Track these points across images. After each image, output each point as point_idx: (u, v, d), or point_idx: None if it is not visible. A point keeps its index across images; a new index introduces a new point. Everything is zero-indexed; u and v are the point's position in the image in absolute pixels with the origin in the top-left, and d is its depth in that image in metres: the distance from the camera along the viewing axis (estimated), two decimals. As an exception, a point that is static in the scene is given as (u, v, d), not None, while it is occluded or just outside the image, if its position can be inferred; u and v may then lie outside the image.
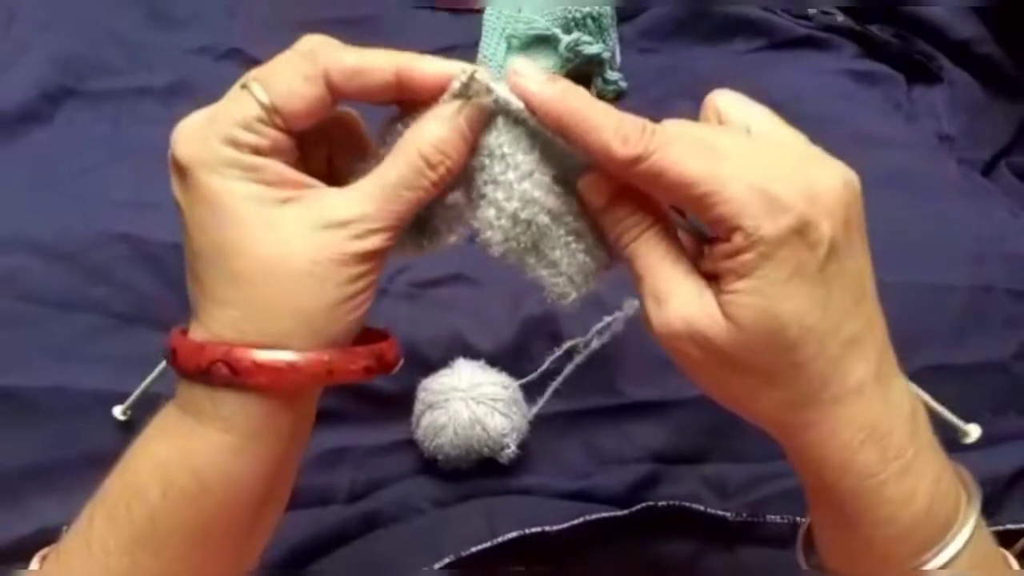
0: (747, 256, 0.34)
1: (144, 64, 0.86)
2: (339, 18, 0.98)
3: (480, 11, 0.96)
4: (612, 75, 0.93)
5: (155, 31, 0.93)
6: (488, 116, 0.38)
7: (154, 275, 0.67)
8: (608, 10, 0.90)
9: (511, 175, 0.38)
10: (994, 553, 0.40)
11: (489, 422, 0.63)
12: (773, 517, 0.62)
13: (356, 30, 1.00)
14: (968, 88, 0.95)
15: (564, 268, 0.40)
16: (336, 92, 0.37)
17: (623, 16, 0.97)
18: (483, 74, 0.37)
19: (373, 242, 0.36)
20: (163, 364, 0.56)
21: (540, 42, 0.92)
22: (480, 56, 0.92)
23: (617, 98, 0.94)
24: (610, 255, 0.40)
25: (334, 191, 0.37)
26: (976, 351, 0.69)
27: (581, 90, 0.37)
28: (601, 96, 0.94)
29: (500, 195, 0.39)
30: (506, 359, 0.67)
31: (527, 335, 0.69)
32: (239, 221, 0.35)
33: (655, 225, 0.38)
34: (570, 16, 0.89)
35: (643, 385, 0.68)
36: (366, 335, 0.40)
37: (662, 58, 0.98)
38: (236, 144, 0.35)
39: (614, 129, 0.35)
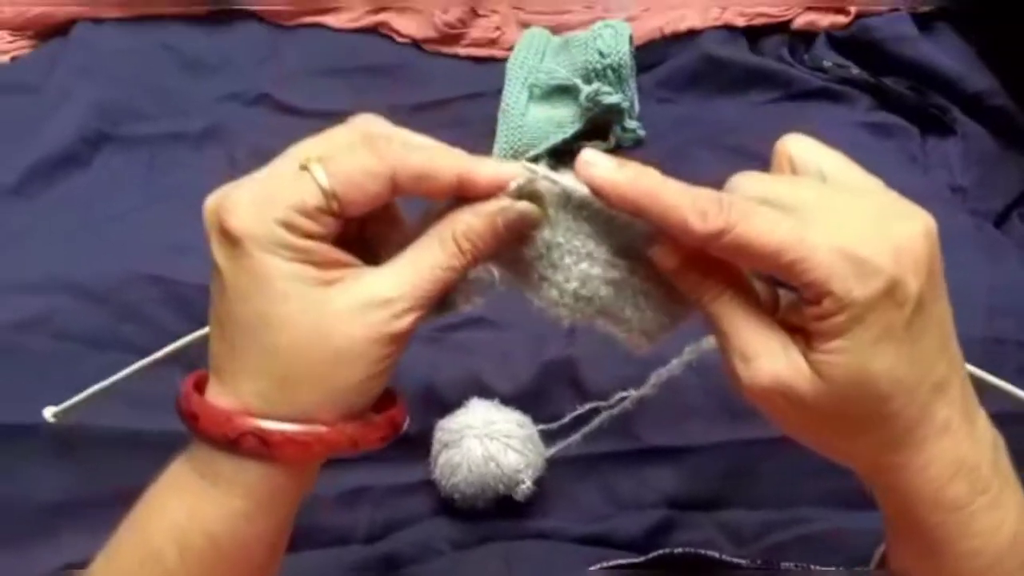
0: (838, 319, 0.34)
1: (178, 110, 0.90)
2: (366, 66, 1.01)
3: (503, 60, 0.98)
4: (631, 124, 0.95)
5: (188, 78, 0.96)
6: (535, 216, 0.39)
7: (184, 315, 0.68)
8: (628, 61, 0.92)
9: (568, 260, 0.40)
10: None
11: (503, 459, 0.64)
12: (787, 564, 0.62)
13: (383, 78, 1.03)
14: (981, 140, 0.96)
15: (635, 325, 0.41)
16: (399, 191, 0.37)
17: (642, 67, 1.00)
18: (543, 169, 0.39)
19: (408, 322, 0.37)
20: (110, 380, 0.58)
21: (561, 91, 0.95)
22: (503, 104, 0.94)
23: (635, 146, 0.96)
24: (684, 307, 0.41)
25: (373, 272, 0.38)
26: (989, 403, 0.69)
27: (651, 171, 0.37)
28: (620, 144, 0.96)
29: (560, 277, 0.40)
30: (525, 402, 0.68)
31: (547, 379, 0.70)
32: (284, 299, 0.36)
33: (731, 288, 0.38)
34: (590, 67, 0.92)
35: (660, 431, 0.68)
36: None
37: (680, 108, 1.00)
38: (292, 228, 0.36)
39: (690, 206, 0.35)
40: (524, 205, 0.38)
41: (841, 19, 1.04)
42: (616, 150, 0.96)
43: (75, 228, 0.73)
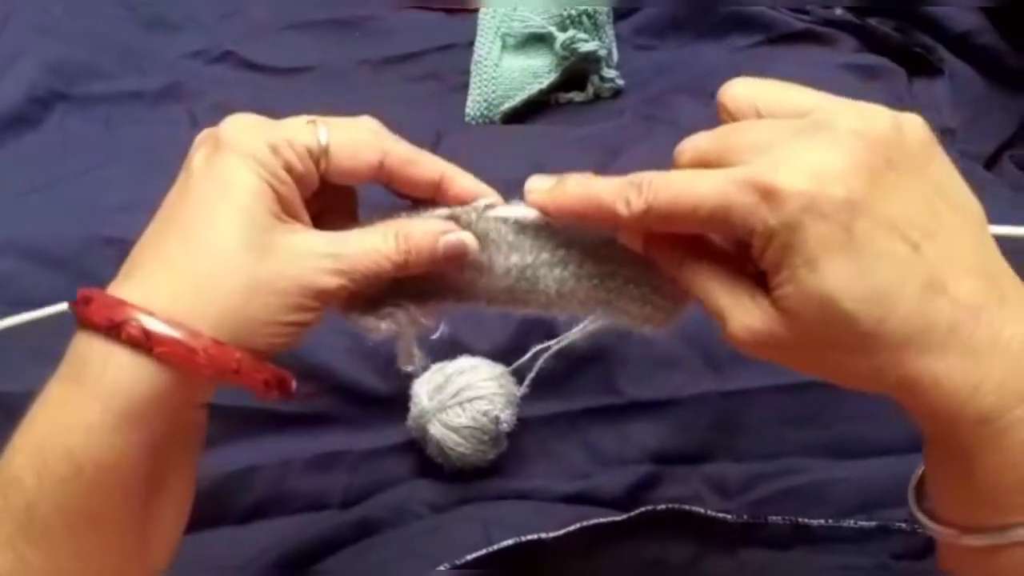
0: (770, 252, 0.35)
1: (136, 68, 0.86)
2: (334, 19, 0.98)
3: (475, 11, 0.95)
4: (609, 73, 0.92)
5: (149, 36, 0.93)
6: (471, 253, 0.42)
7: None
8: (604, 7, 0.90)
9: (541, 272, 0.43)
10: None
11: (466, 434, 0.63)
12: (775, 518, 0.61)
13: (352, 31, 1.00)
14: (970, 81, 0.93)
15: (636, 312, 0.44)
16: (384, 172, 0.41)
17: (619, 14, 0.97)
18: (497, 210, 0.42)
19: (334, 284, 0.38)
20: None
21: (536, 40, 0.91)
22: (476, 55, 0.91)
23: (614, 96, 0.93)
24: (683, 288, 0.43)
25: (320, 231, 0.40)
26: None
27: (576, 176, 0.40)
28: (598, 95, 0.93)
29: (541, 287, 0.43)
30: (502, 360, 0.66)
31: (524, 337, 0.67)
32: (236, 209, 0.37)
33: (691, 250, 0.39)
34: (565, 14, 0.89)
35: (643, 384, 0.66)
36: None
37: (659, 55, 0.97)
38: (276, 152, 0.38)
39: (615, 197, 0.38)
40: (468, 237, 0.42)
41: (824, -42, 1.01)
42: (595, 100, 0.93)
43: (27, 190, 0.70)
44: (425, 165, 0.41)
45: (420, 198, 0.43)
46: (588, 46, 0.89)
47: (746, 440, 0.64)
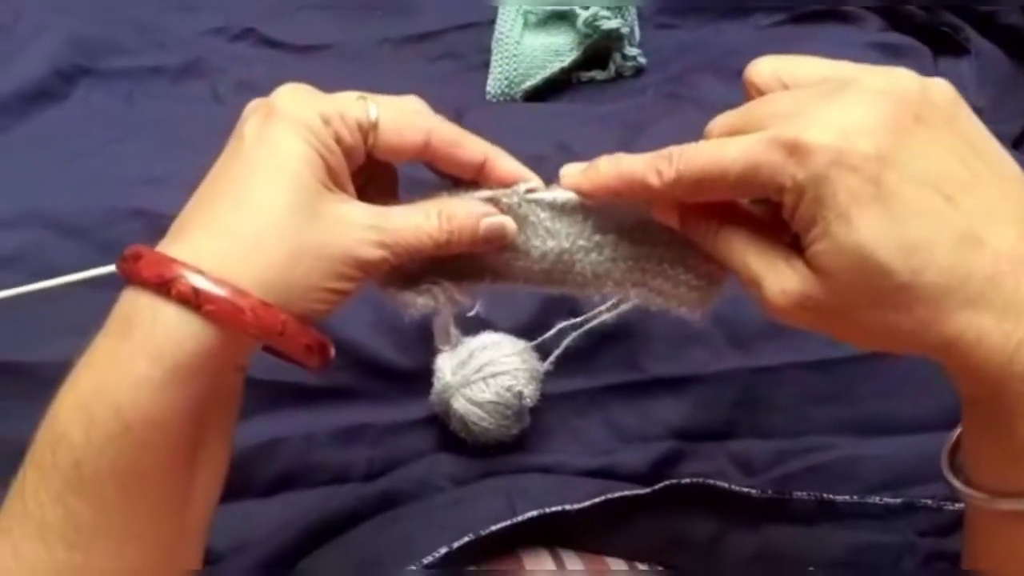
0: (802, 209, 0.35)
1: (157, 44, 0.86)
2: (358, -1, 0.97)
3: (497, -13, 0.94)
4: (631, 51, 0.91)
5: (170, 13, 0.93)
6: (510, 236, 0.43)
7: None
8: (627, -16, 0.89)
9: (578, 256, 0.44)
10: None
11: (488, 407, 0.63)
12: (800, 494, 0.61)
13: (372, 9, 0.99)
14: (996, 60, 0.92)
15: (672, 292, 0.44)
16: (428, 151, 0.41)
17: (641, -10, 0.96)
18: (537, 194, 0.43)
19: (377, 256, 0.39)
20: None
21: (558, 18, 0.91)
22: (497, 33, 0.91)
23: (636, 74, 0.93)
24: (717, 265, 0.43)
25: (370, 205, 0.41)
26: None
27: (608, 157, 0.41)
28: (620, 73, 0.92)
29: (577, 270, 0.44)
30: (525, 336, 0.66)
31: (547, 314, 0.67)
32: (288, 173, 0.38)
33: (726, 220, 0.40)
34: (588, -9, 0.88)
35: (665, 361, 0.66)
36: None
37: (682, 33, 0.96)
38: (327, 122, 0.39)
39: (646, 170, 0.39)
40: (508, 221, 0.43)
41: (849, -64, 1.00)
42: (617, 79, 0.92)
43: (51, 162, 0.70)
44: (469, 147, 0.42)
45: (461, 178, 0.44)
46: (611, 23, 0.88)
47: (771, 417, 0.64)
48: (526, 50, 0.90)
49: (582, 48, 0.90)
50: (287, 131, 0.38)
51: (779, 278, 0.37)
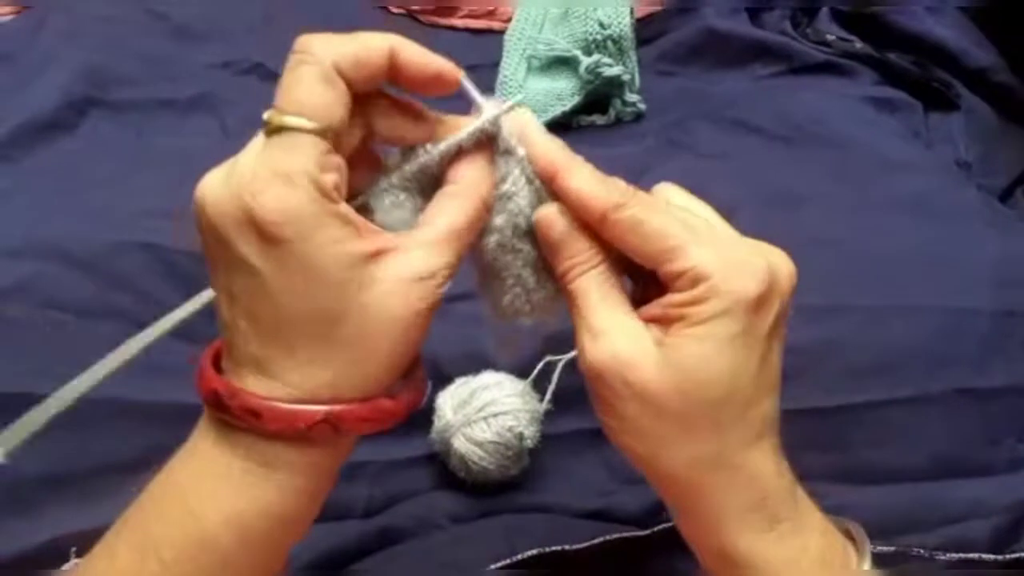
0: (706, 307, 0.36)
1: (167, 76, 0.87)
2: (360, 36, 0.99)
3: (501, 32, 0.96)
4: (631, 97, 0.93)
5: (177, 45, 0.94)
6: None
7: (174, 284, 0.67)
8: (629, 32, 0.91)
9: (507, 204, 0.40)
10: None
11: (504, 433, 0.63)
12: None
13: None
14: (984, 116, 0.96)
15: (530, 295, 0.42)
16: (394, 68, 0.37)
17: (643, 39, 0.98)
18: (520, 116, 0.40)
19: (444, 288, 0.37)
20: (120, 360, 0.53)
21: (560, 63, 0.93)
22: (501, 76, 0.93)
23: (636, 119, 0.95)
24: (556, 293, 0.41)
25: (410, 244, 0.37)
26: (1000, 375, 0.68)
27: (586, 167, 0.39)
28: (620, 118, 0.94)
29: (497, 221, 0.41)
30: (525, 375, 0.67)
31: (548, 352, 0.68)
32: (341, 288, 0.35)
33: (601, 265, 0.39)
34: (591, 38, 0.90)
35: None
36: None
37: (681, 81, 0.99)
38: (325, 192, 0.34)
39: (602, 178, 0.38)
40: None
41: (844, -8, 1.03)
42: (616, 124, 0.94)
43: (60, 193, 0.71)
44: (373, 50, 0.36)
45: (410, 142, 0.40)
46: (612, 70, 0.90)
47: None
48: (529, 94, 0.92)
49: (584, 93, 0.92)
50: (305, 248, 0.34)
51: (620, 341, 0.37)
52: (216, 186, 0.34)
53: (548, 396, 0.65)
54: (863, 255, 0.75)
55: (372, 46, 0.36)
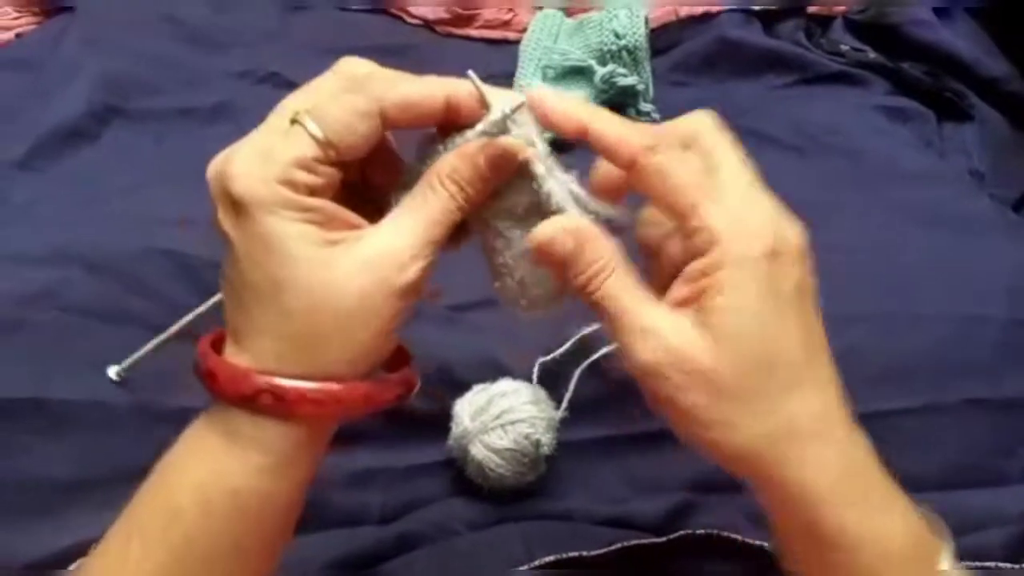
0: (727, 272, 0.36)
1: (187, 85, 0.88)
2: (377, 46, 1.00)
3: (516, 42, 0.97)
4: (646, 106, 0.94)
5: (197, 54, 0.95)
6: (517, 151, 0.39)
7: (195, 290, 0.67)
8: (643, 43, 0.92)
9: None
10: None
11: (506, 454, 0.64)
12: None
13: (394, 59, 1.01)
14: (997, 126, 0.96)
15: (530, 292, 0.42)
16: (389, 124, 0.38)
17: (657, 50, 0.99)
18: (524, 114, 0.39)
19: (413, 272, 0.37)
20: (164, 336, 0.61)
21: (575, 73, 0.94)
22: (516, 85, 0.93)
23: (650, 129, 0.95)
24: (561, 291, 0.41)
25: (375, 229, 0.38)
26: (1012, 385, 0.69)
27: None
28: (634, 127, 0.95)
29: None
30: (544, 383, 0.67)
31: (561, 360, 0.69)
32: (294, 261, 0.36)
33: (618, 266, 0.39)
34: (605, 48, 0.91)
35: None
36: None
37: (695, 91, 0.99)
38: (294, 185, 0.36)
39: (629, 123, 0.38)
40: (506, 140, 0.38)
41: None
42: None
43: (83, 202, 0.72)
44: (427, 99, 0.38)
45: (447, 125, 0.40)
46: (627, 80, 0.91)
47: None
48: (544, 103, 0.93)
49: (598, 102, 0.93)
50: (270, 225, 0.36)
51: (667, 335, 0.37)
52: (219, 157, 0.38)
53: (564, 403, 0.66)
54: (877, 264, 0.75)
55: (426, 93, 0.38)
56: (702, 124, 0.39)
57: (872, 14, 1.00)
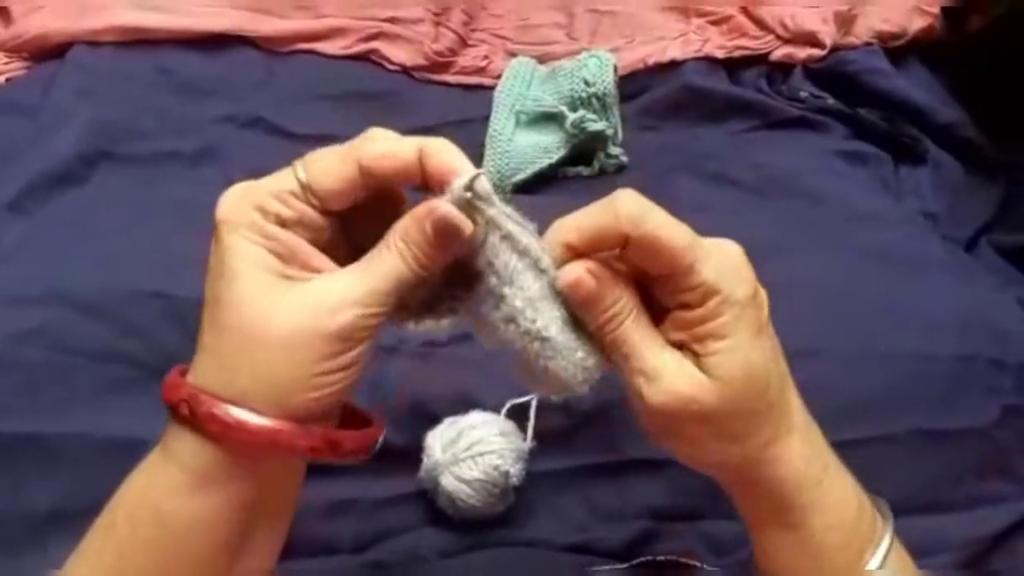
0: (725, 318, 0.40)
1: (174, 130, 0.91)
2: (358, 92, 1.04)
3: (492, 88, 1.01)
4: (614, 150, 0.98)
5: (184, 100, 0.98)
6: (461, 224, 0.39)
7: (182, 331, 0.69)
8: (612, 90, 0.96)
9: (492, 281, 0.41)
10: (907, 555, 0.47)
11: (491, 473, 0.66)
12: (765, 574, 0.64)
13: (374, 104, 1.06)
14: (950, 169, 1.00)
15: (574, 361, 0.42)
16: (367, 173, 0.38)
17: (625, 96, 1.02)
18: (482, 184, 0.39)
19: (346, 318, 0.38)
20: None
21: (547, 118, 0.97)
22: (491, 130, 0.97)
23: (618, 172, 0.99)
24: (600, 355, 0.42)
25: (327, 275, 0.39)
26: (960, 417, 0.72)
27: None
28: (603, 170, 0.99)
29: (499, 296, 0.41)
30: (512, 416, 0.70)
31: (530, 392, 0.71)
32: (240, 279, 0.38)
33: (634, 310, 0.41)
34: (576, 95, 0.95)
35: (642, 443, 0.70)
36: (353, 417, 0.44)
37: (661, 136, 1.03)
38: (263, 211, 0.38)
39: (605, 204, 0.40)
40: (448, 210, 0.38)
41: (817, 52, 1.08)
42: (600, 175, 0.99)
43: (73, 243, 0.74)
44: (400, 152, 0.38)
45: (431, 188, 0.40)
46: (596, 126, 0.95)
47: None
48: (517, 147, 0.97)
49: (569, 147, 0.97)
50: (232, 242, 0.38)
51: (674, 377, 0.40)
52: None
53: (530, 434, 0.69)
54: (833, 302, 0.78)
55: (401, 147, 0.39)
56: (625, 199, 0.41)
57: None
